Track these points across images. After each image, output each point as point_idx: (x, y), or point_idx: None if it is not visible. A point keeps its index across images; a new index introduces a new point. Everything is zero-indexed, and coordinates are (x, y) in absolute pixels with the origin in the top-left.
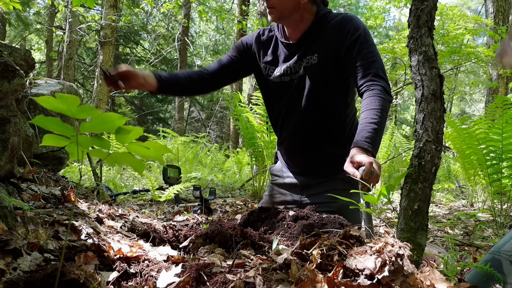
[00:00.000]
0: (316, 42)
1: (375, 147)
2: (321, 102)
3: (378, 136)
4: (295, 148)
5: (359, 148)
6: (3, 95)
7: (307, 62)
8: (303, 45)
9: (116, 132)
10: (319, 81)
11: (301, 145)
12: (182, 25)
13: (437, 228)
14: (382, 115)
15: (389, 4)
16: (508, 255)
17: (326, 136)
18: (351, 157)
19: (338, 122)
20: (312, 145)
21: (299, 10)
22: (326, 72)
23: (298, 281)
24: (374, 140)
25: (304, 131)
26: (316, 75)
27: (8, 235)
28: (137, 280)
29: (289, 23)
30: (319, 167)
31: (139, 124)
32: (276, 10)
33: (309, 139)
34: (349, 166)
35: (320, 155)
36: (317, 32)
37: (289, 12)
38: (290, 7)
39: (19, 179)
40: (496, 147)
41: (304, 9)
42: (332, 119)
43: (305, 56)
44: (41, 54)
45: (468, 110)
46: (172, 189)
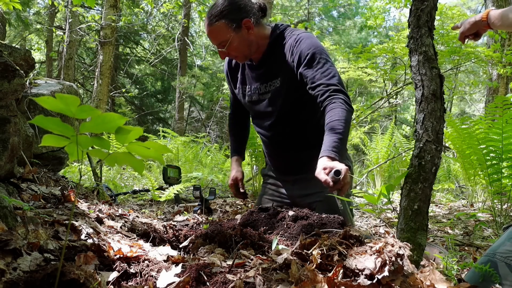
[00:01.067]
0: (276, 65)
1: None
2: (291, 116)
3: (343, 145)
4: (277, 156)
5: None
6: (3, 95)
7: (272, 86)
8: (264, 66)
9: (116, 132)
10: (286, 101)
11: (280, 152)
12: (182, 25)
13: (437, 228)
14: (346, 125)
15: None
16: (503, 257)
17: (301, 141)
18: (324, 165)
19: (311, 128)
20: (291, 152)
21: (253, 43)
22: (290, 93)
23: (298, 281)
24: (339, 149)
25: (280, 140)
26: (282, 97)
27: (8, 235)
28: (137, 280)
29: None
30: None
31: (139, 124)
32: (239, 57)
33: (285, 146)
34: (321, 173)
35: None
36: (276, 54)
37: (248, 50)
38: (246, 47)
39: (19, 179)
40: (496, 147)
41: (257, 39)
42: (305, 127)
43: (270, 80)
44: (41, 54)
45: (468, 110)
46: (172, 189)
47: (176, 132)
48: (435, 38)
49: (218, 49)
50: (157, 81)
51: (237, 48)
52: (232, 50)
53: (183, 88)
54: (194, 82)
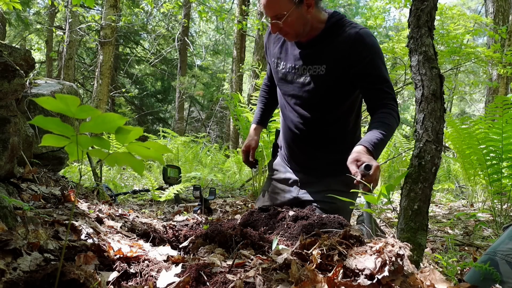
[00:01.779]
0: (326, 52)
1: (377, 154)
2: (323, 108)
3: (382, 146)
4: (296, 147)
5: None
6: (3, 95)
7: (314, 71)
8: (312, 49)
9: (116, 132)
10: (324, 91)
11: (302, 145)
12: (182, 25)
13: (437, 228)
14: (390, 132)
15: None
16: (504, 255)
17: (327, 141)
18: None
19: (340, 129)
20: (311, 148)
21: (309, 23)
22: (332, 85)
23: (298, 281)
24: (378, 147)
25: (305, 133)
26: (322, 86)
27: (8, 235)
28: (137, 280)
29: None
30: (318, 168)
31: (139, 124)
32: (290, 33)
33: (309, 141)
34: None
35: (319, 158)
36: (328, 41)
37: (302, 29)
38: (300, 25)
39: (19, 179)
40: (496, 147)
41: (312, 20)
42: (333, 125)
43: (313, 64)
44: (41, 54)
45: (468, 110)
46: (172, 189)
47: (176, 132)
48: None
49: (271, 22)
50: (157, 81)
51: (292, 24)
52: (286, 25)
53: (183, 88)
54: (194, 82)
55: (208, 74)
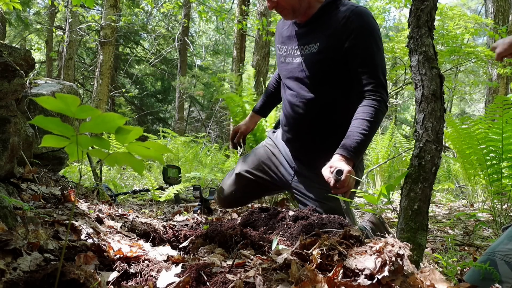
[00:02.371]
0: (320, 30)
1: (358, 157)
2: (319, 89)
3: (364, 147)
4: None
5: (342, 156)
6: (3, 95)
7: (308, 50)
8: (307, 27)
9: (116, 132)
10: (316, 69)
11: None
12: (182, 25)
13: (437, 228)
14: (374, 127)
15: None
16: (503, 255)
17: (323, 126)
18: (331, 163)
19: (336, 112)
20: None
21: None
22: (324, 63)
23: (298, 281)
24: (358, 151)
25: (302, 116)
26: (314, 64)
27: (8, 235)
28: (137, 280)
29: (301, 14)
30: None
31: (139, 124)
32: (286, 9)
33: (305, 126)
34: (326, 170)
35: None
36: (323, 19)
37: (298, 4)
38: (296, 0)
39: (19, 179)
40: (496, 147)
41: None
42: (329, 109)
43: (308, 43)
44: (41, 54)
45: (468, 110)
46: (172, 189)
47: (176, 132)
48: (435, 38)
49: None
50: (157, 81)
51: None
52: (283, 0)
53: (183, 88)
54: (194, 82)
55: (208, 74)
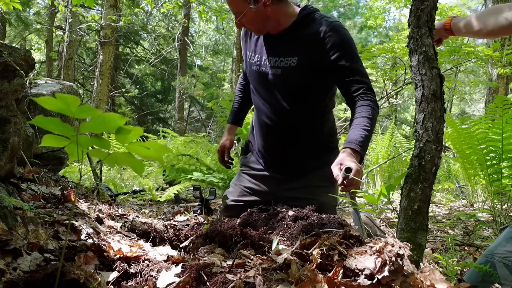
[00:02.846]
0: (297, 45)
1: (364, 151)
2: (296, 101)
3: (368, 142)
4: (271, 141)
5: (352, 149)
6: (3, 95)
7: (286, 63)
8: (282, 40)
9: (116, 132)
10: (296, 83)
11: (277, 140)
12: (182, 25)
13: (437, 228)
14: (373, 124)
15: (389, 4)
16: (501, 257)
17: (301, 134)
18: (341, 159)
19: (314, 122)
20: (286, 142)
21: (271, 19)
22: (303, 77)
23: (298, 281)
24: (364, 145)
25: (280, 126)
26: (293, 78)
27: (8, 235)
28: (137, 280)
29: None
30: (295, 163)
31: (139, 124)
32: (253, 30)
33: (283, 135)
34: (335, 168)
35: (295, 152)
36: (299, 34)
37: (263, 25)
38: (260, 22)
39: (19, 179)
40: (496, 147)
41: (276, 16)
42: (307, 119)
43: (285, 56)
44: (41, 54)
45: (468, 110)
46: (172, 189)
47: (176, 132)
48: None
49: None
50: (157, 81)
51: (251, 21)
52: (246, 22)
53: (183, 88)
54: (194, 82)
55: (208, 74)
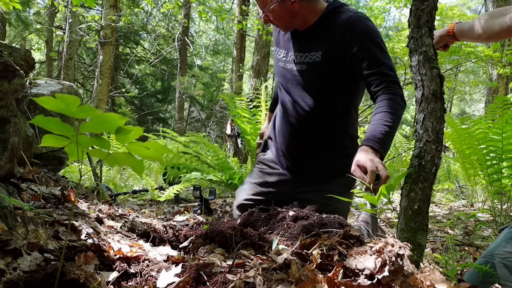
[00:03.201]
0: (322, 39)
1: (385, 149)
2: (321, 97)
3: (389, 139)
4: (293, 141)
5: (370, 147)
6: (3, 95)
7: (310, 58)
8: (308, 36)
9: (116, 132)
10: (321, 78)
11: (299, 140)
12: (182, 25)
13: (437, 228)
14: (396, 121)
15: (389, 4)
16: (501, 258)
17: (324, 134)
18: (358, 161)
19: (338, 122)
20: (307, 142)
21: (299, 16)
22: (328, 71)
23: (298, 281)
24: (385, 142)
25: (303, 125)
26: (318, 73)
27: (8, 235)
28: (137, 280)
29: (297, 27)
30: (314, 168)
31: (139, 124)
32: (280, 26)
33: (307, 135)
34: (357, 170)
35: (316, 155)
36: (323, 28)
37: (290, 21)
38: (287, 18)
39: (19, 179)
40: (496, 147)
41: (304, 13)
42: (331, 118)
43: (310, 51)
44: (41, 54)
45: (468, 110)
46: (172, 189)
47: (176, 132)
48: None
49: (262, 15)
50: (157, 81)
51: (278, 17)
52: (273, 18)
53: (183, 88)
54: (194, 82)
55: (208, 74)
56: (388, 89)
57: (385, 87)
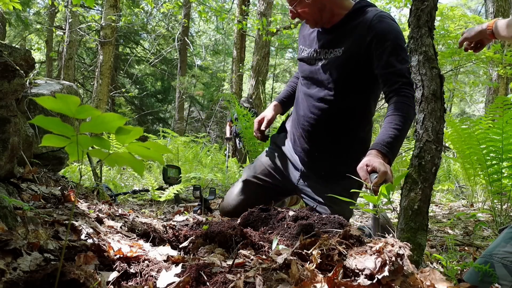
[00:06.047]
0: (345, 36)
1: (394, 153)
2: (337, 94)
3: (398, 143)
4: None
5: (378, 151)
6: (3, 95)
7: (331, 53)
8: (333, 33)
9: (116, 132)
10: (340, 73)
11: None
12: (182, 25)
13: (437, 228)
14: (406, 123)
15: (389, 4)
16: (500, 257)
17: (337, 132)
18: (367, 160)
19: (353, 119)
20: (319, 139)
21: (327, 9)
22: (347, 67)
23: (298, 281)
24: (393, 146)
25: (315, 122)
26: (338, 68)
27: (8, 235)
28: (137, 280)
29: (324, 23)
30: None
31: (139, 124)
32: (309, 20)
33: (318, 132)
34: (362, 170)
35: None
36: (349, 25)
37: (319, 15)
38: (316, 12)
39: (19, 179)
40: (496, 147)
41: (331, 6)
42: (345, 116)
43: (332, 47)
44: (41, 54)
45: (468, 110)
46: (172, 189)
47: (176, 132)
48: (435, 38)
49: (289, 7)
50: (157, 81)
51: (307, 10)
52: (302, 12)
53: (183, 88)
54: (194, 82)
55: (208, 74)
56: (401, 91)
57: (398, 89)
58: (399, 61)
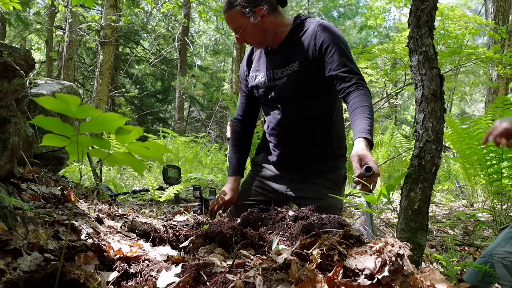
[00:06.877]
0: (295, 50)
1: (372, 138)
2: (304, 105)
3: (373, 130)
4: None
5: (365, 138)
6: (3, 95)
7: (289, 70)
8: (282, 51)
9: (116, 132)
10: (301, 86)
11: (288, 146)
12: (182, 25)
13: (437, 228)
14: (373, 112)
15: (389, 4)
16: (500, 257)
17: (312, 137)
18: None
19: (324, 124)
20: (298, 146)
21: (269, 30)
22: (307, 78)
23: (298, 281)
24: (372, 133)
25: (290, 133)
26: (298, 81)
27: (8, 235)
28: (137, 280)
29: (269, 43)
30: (305, 167)
31: (139, 124)
32: (254, 43)
33: (295, 140)
34: (355, 160)
35: (307, 155)
36: (295, 40)
37: (263, 37)
38: (260, 34)
39: (19, 179)
40: (496, 147)
41: (273, 27)
42: (317, 121)
43: (287, 64)
44: (41, 54)
45: (468, 110)
46: (172, 189)
47: (176, 132)
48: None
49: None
50: (157, 81)
51: (251, 35)
52: (246, 37)
53: (183, 88)
54: (194, 82)
55: (208, 74)
56: (359, 86)
57: (355, 84)
58: (349, 61)
